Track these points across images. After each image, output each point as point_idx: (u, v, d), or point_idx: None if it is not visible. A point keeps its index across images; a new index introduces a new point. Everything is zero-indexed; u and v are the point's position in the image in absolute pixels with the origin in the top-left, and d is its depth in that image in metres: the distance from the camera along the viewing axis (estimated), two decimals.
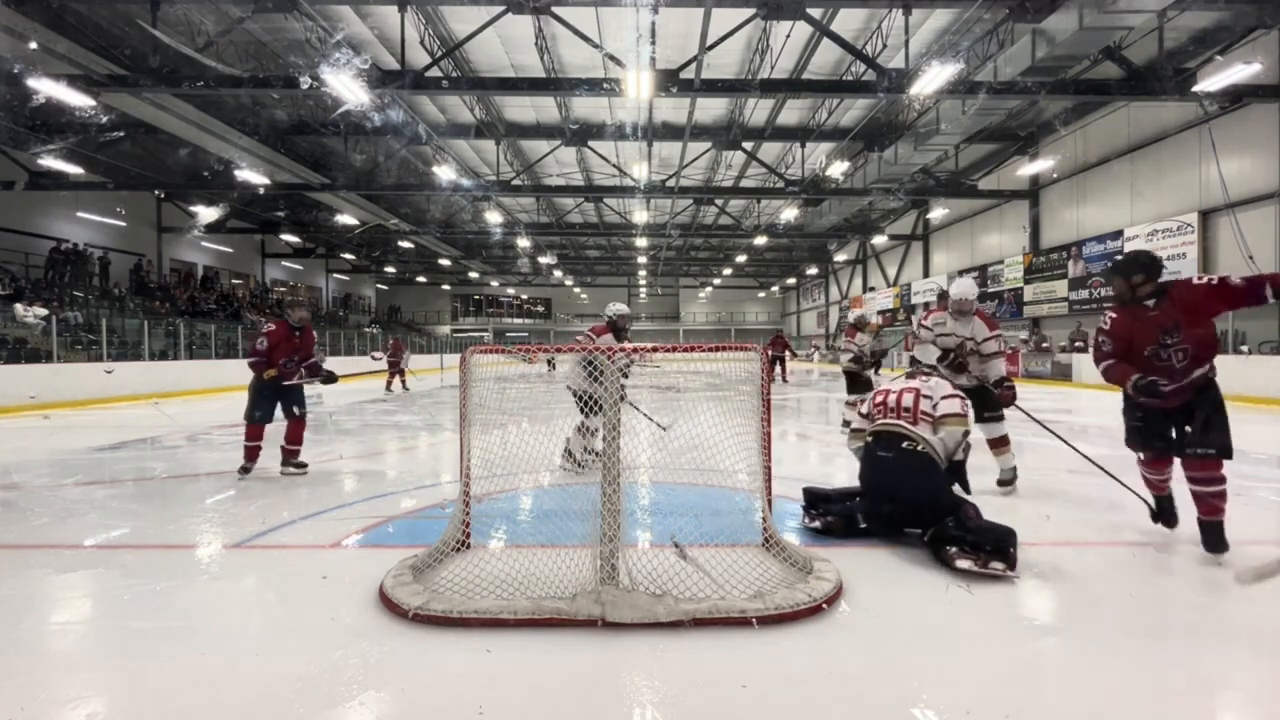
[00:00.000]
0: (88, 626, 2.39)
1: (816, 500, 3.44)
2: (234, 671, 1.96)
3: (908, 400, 3.26)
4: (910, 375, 3.53)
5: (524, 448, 2.96)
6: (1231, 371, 10.79)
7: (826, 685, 1.89)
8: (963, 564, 2.69)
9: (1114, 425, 7.73)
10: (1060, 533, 3.37)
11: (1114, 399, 3.42)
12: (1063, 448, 5.06)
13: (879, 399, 3.40)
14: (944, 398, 3.25)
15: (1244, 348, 11.64)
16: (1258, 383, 10.05)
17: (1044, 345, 16.54)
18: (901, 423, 3.20)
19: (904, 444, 3.12)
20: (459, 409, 2.90)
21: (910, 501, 3.06)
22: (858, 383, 6.87)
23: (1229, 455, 2.82)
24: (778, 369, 16.20)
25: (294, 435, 4.90)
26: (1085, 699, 1.80)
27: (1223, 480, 2.88)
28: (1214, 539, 2.91)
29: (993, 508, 3.85)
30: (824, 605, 2.33)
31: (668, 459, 4.38)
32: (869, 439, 3.31)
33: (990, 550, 2.69)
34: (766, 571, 2.62)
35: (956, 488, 3.20)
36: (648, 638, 2.15)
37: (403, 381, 15.12)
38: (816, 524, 3.33)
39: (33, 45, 9.05)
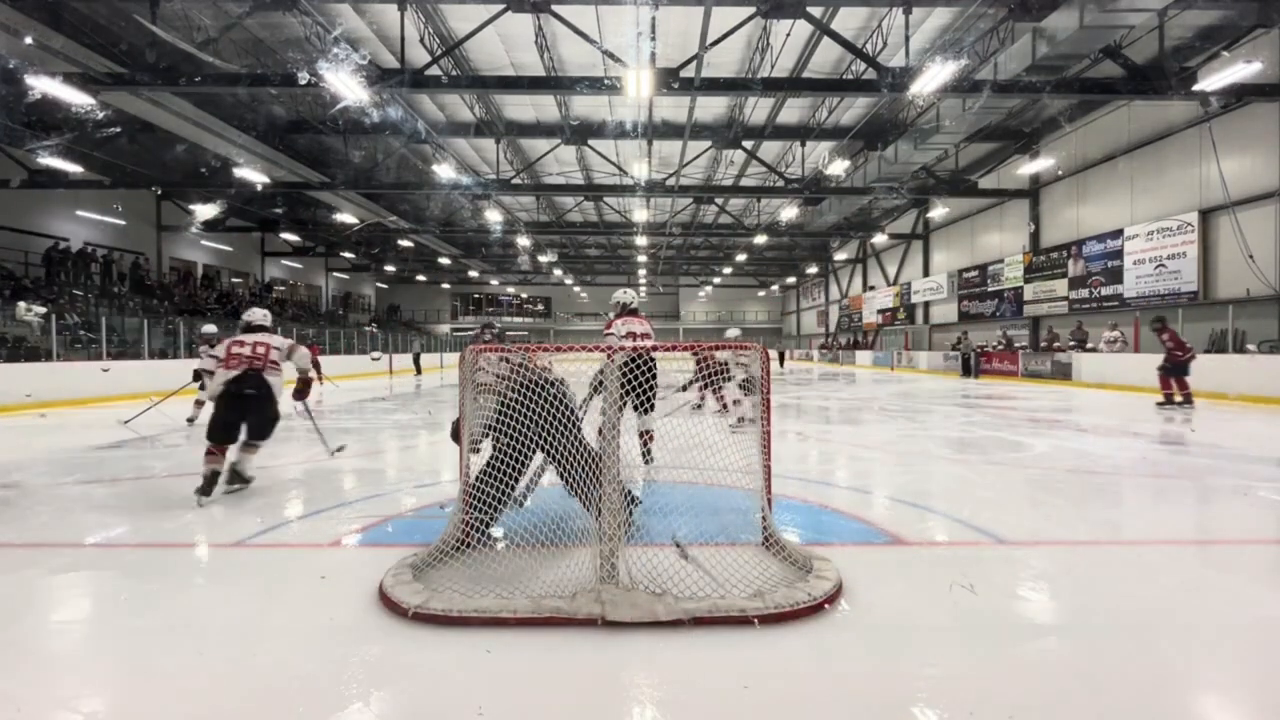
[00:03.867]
0: (87, 625, 2.38)
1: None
2: (233, 671, 1.96)
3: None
4: None
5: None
6: (1235, 370, 10.83)
7: (826, 685, 1.88)
8: None
9: (1114, 424, 7.72)
10: (1060, 532, 3.36)
11: (1114, 398, 3.39)
12: (1063, 447, 5.05)
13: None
14: None
15: (1250, 347, 11.64)
16: (1259, 381, 10.06)
17: (1055, 345, 16.50)
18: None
19: None
20: (459, 408, 2.90)
21: None
22: None
23: None
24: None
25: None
26: (1086, 698, 1.80)
27: None
28: None
29: (990, 507, 3.86)
30: (824, 604, 2.33)
31: (668, 458, 4.38)
32: None
33: None
34: (766, 570, 2.61)
35: None
36: (648, 637, 2.14)
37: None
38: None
39: (28, 41, 9.02)
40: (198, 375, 8.43)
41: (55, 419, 8.99)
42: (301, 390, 4.73)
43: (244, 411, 4.24)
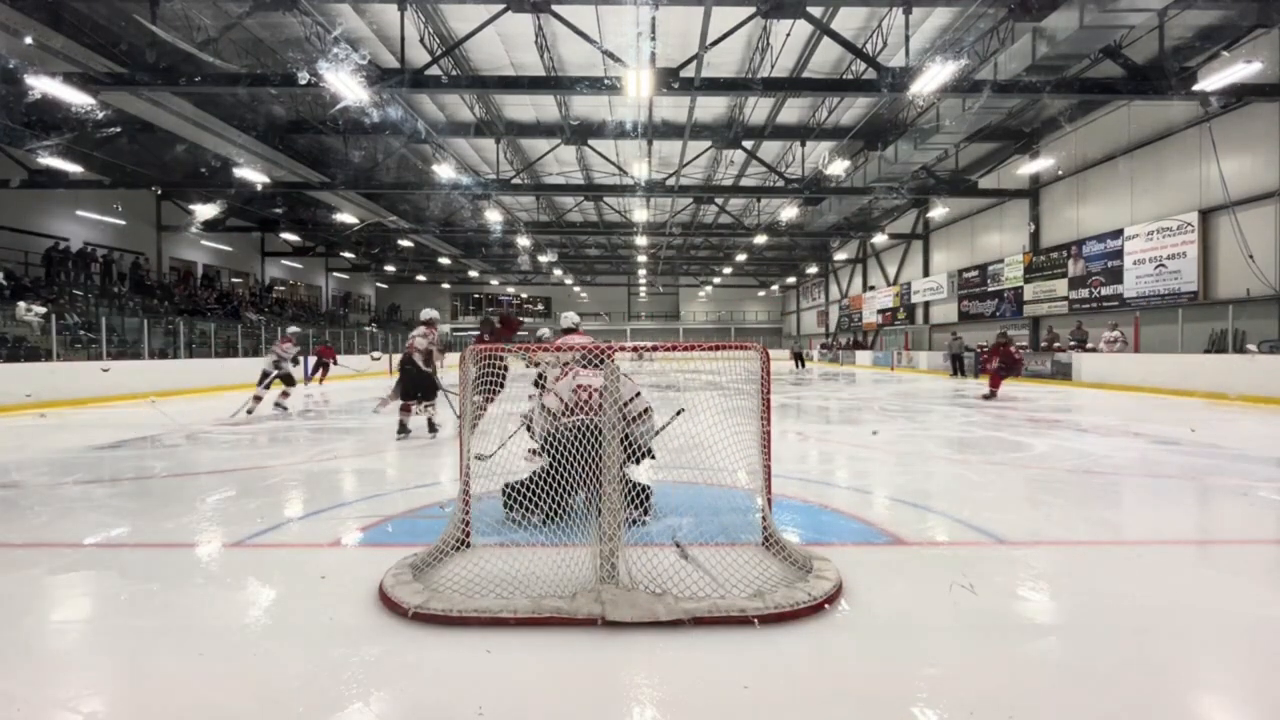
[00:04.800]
0: (87, 626, 2.38)
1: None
2: (233, 671, 1.96)
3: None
4: None
5: (523, 446, 2.96)
6: (1235, 370, 10.84)
7: (826, 685, 1.88)
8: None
9: (1114, 424, 7.70)
10: (1060, 532, 3.36)
11: (1114, 397, 3.39)
12: (1063, 447, 5.04)
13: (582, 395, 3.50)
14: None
15: (1250, 347, 11.65)
16: (1258, 381, 10.06)
17: (1055, 345, 16.50)
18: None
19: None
20: (458, 408, 2.90)
21: None
22: None
23: None
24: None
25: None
26: (1086, 698, 1.80)
27: None
28: None
29: (990, 507, 3.86)
30: (824, 604, 2.33)
31: (668, 458, 4.38)
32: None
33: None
34: (766, 570, 2.62)
35: None
36: (648, 637, 2.14)
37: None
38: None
39: (28, 41, 9.02)
40: (270, 373, 9.24)
41: (55, 419, 8.99)
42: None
43: (409, 380, 6.72)
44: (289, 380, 9.39)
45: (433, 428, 6.86)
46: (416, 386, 6.74)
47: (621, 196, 22.25)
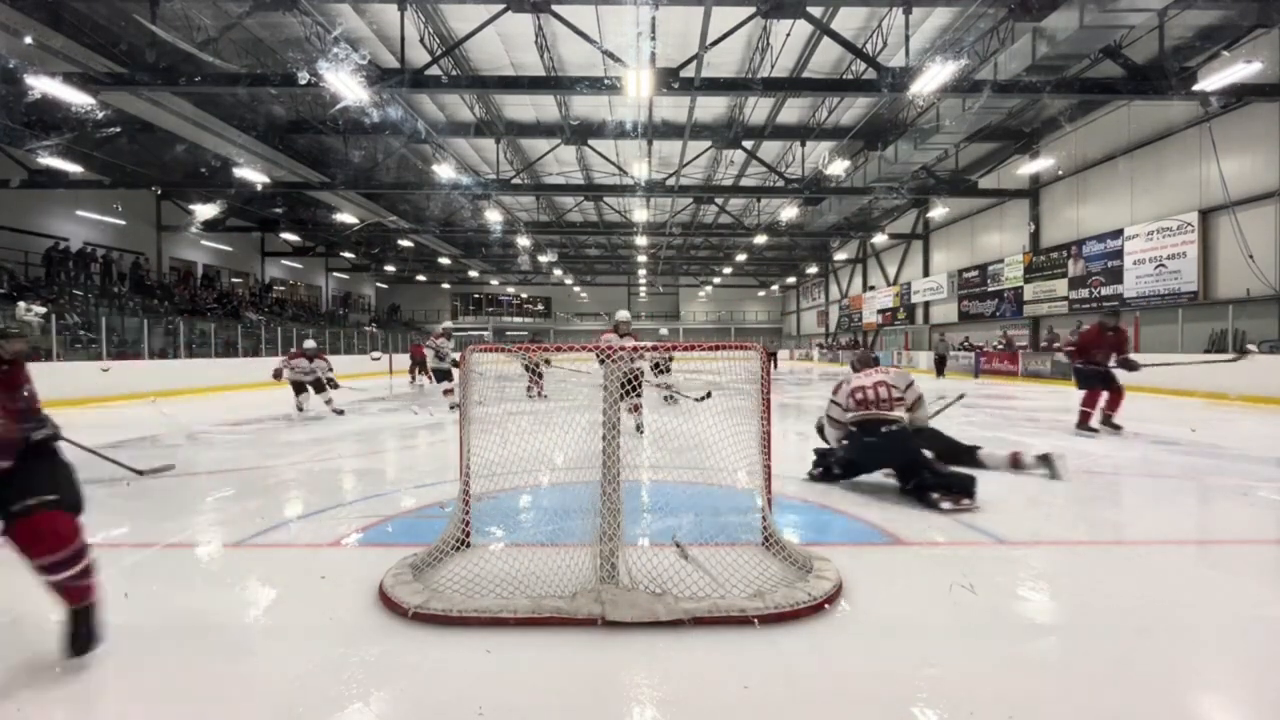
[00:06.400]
0: None
1: (824, 456, 4.46)
2: (233, 671, 1.96)
3: (883, 393, 4.14)
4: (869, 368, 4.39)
5: (524, 446, 2.96)
6: (1235, 370, 10.82)
7: (826, 685, 1.88)
8: (946, 504, 3.63)
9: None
10: (1060, 532, 3.36)
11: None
12: (1063, 447, 4.99)
13: (858, 395, 4.19)
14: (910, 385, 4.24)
15: (1251, 347, 11.63)
16: (1259, 381, 10.05)
17: (1055, 345, 16.50)
18: (880, 411, 4.11)
19: (883, 427, 4.05)
20: (459, 407, 2.90)
21: (898, 465, 4.07)
22: None
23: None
24: None
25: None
26: (1086, 699, 1.80)
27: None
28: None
29: (991, 507, 3.86)
30: (824, 604, 2.32)
31: (667, 458, 4.38)
32: (853, 429, 4.18)
33: (958, 490, 3.68)
34: (766, 570, 2.61)
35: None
36: (648, 637, 2.14)
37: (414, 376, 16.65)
38: (818, 470, 4.42)
39: (28, 41, 9.02)
40: (441, 373, 10.50)
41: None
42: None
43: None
44: (445, 376, 10.45)
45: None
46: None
47: (621, 196, 22.25)
